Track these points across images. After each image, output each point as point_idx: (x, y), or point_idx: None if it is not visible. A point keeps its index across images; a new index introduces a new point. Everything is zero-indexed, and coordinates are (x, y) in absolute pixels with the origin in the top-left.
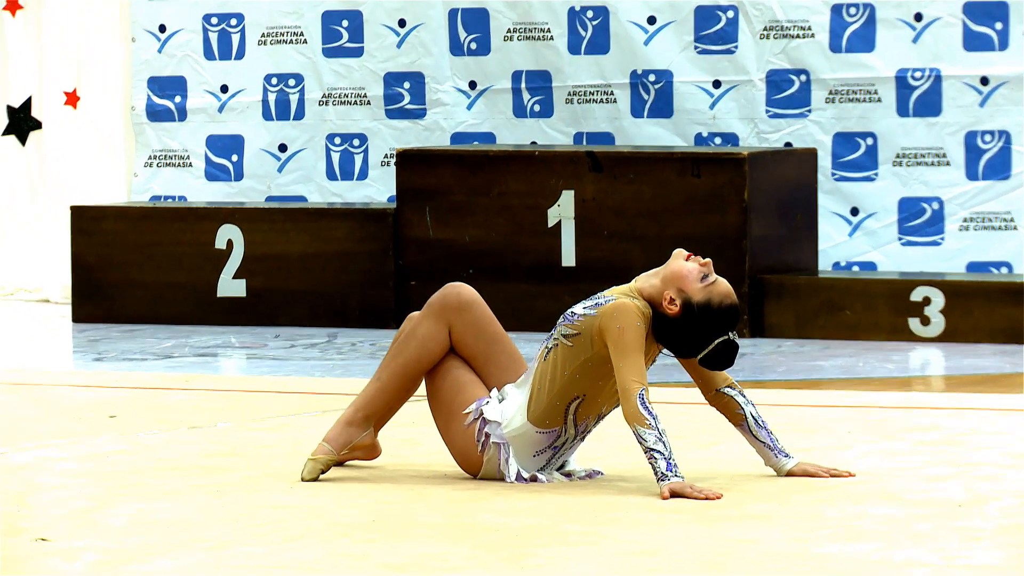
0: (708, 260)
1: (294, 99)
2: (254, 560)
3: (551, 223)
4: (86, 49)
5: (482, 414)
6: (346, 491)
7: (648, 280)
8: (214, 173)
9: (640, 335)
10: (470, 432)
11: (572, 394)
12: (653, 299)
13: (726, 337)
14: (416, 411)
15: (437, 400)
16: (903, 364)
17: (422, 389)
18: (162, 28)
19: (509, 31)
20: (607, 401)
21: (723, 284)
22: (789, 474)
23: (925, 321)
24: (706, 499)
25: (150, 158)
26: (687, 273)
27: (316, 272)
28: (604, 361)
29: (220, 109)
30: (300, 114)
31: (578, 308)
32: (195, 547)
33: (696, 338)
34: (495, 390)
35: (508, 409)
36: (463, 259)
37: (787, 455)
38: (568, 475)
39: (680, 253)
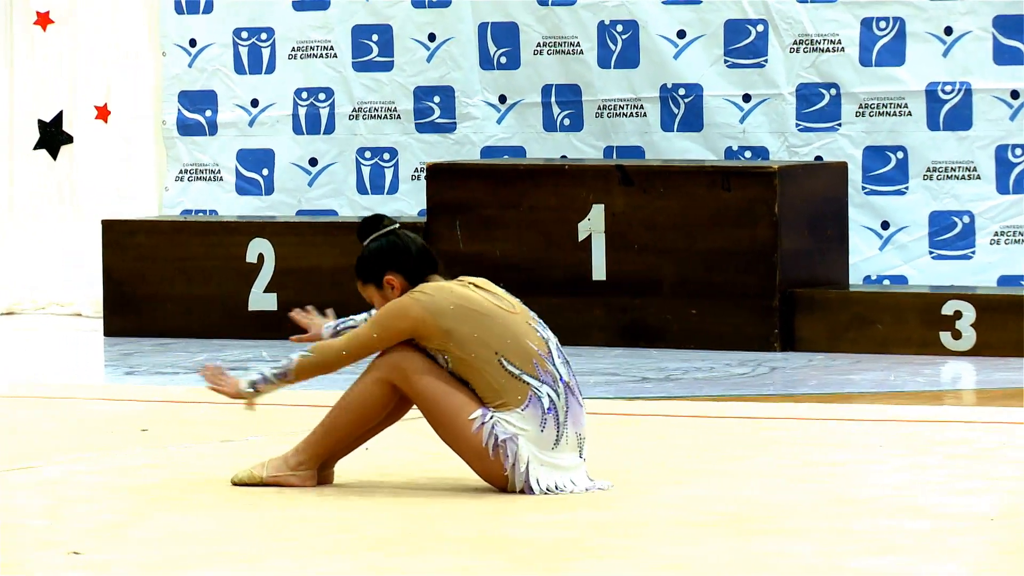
0: None
1: (324, 113)
2: (284, 573)
3: (581, 237)
4: (117, 63)
5: (491, 417)
6: (376, 505)
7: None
8: (245, 187)
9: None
10: (479, 438)
11: (491, 361)
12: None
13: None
14: None
15: (443, 425)
16: (934, 378)
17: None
18: (192, 42)
19: (539, 45)
20: (512, 341)
21: None
22: None
23: (956, 335)
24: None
25: (181, 172)
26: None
27: (347, 286)
28: (456, 342)
29: (251, 123)
30: (330, 128)
31: None
32: (226, 560)
33: (399, 252)
34: None
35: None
36: (493, 273)
37: None
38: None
39: None
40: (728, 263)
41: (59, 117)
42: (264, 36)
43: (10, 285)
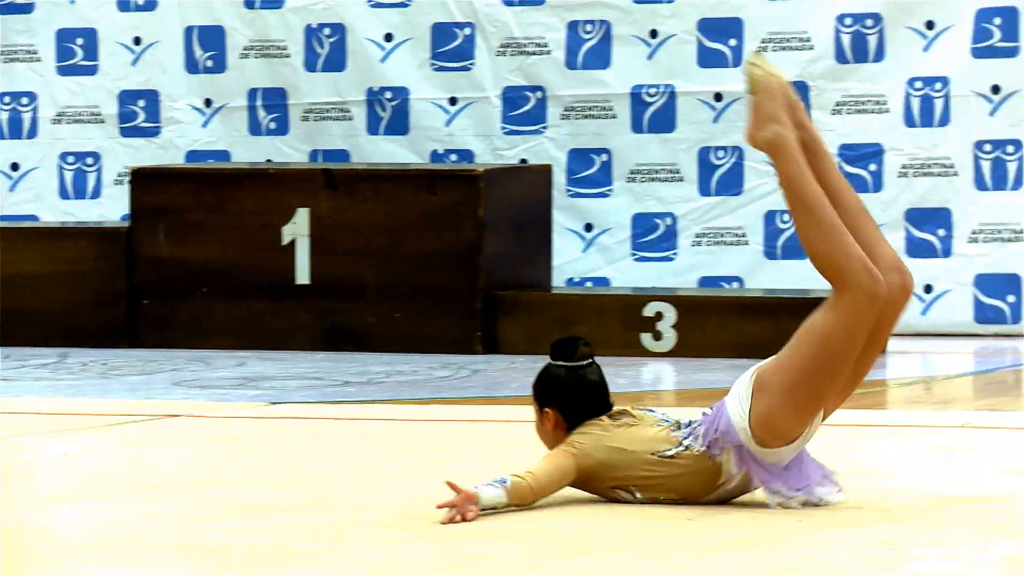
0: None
1: (27, 117)
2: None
3: (286, 241)
4: None
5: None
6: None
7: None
8: None
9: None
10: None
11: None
12: (559, 439)
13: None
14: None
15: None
16: (635, 379)
17: None
18: None
19: (245, 48)
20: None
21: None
22: None
23: (657, 336)
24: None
25: None
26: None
27: (48, 292)
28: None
29: None
30: (33, 132)
31: None
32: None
33: (567, 391)
34: None
35: None
36: (198, 278)
37: None
38: None
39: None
40: (432, 266)
41: None
42: None
43: None
